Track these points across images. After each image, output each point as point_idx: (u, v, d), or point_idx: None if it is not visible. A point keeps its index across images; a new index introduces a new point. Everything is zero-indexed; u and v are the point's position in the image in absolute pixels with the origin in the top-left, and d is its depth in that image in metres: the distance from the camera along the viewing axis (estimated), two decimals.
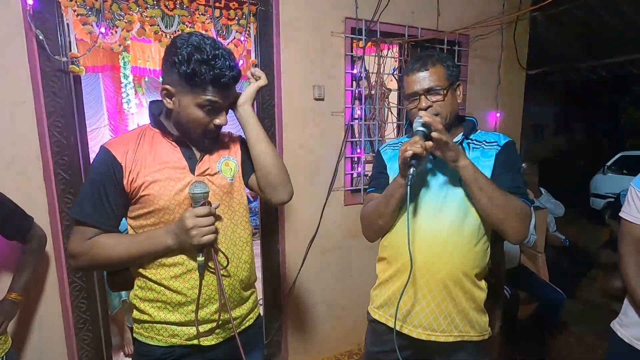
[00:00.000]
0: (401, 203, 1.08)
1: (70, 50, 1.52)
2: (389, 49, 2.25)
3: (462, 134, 1.15)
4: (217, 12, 1.73)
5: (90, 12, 1.51)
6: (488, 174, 1.07)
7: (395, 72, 2.29)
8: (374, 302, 1.23)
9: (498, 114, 2.62)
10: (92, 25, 1.52)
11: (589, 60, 4.41)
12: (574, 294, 3.05)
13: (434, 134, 0.97)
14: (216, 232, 0.95)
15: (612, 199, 5.44)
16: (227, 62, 0.93)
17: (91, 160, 1.55)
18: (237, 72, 0.97)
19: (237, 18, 1.78)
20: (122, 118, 5.21)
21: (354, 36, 2.07)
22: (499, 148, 1.11)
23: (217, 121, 0.98)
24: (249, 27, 1.82)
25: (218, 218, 1.00)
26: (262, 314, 1.24)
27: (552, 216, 3.00)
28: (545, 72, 3.47)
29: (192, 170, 1.00)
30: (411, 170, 0.97)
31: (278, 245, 2.06)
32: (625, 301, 1.25)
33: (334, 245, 2.20)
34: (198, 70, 0.90)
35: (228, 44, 1.80)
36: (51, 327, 1.61)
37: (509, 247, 2.35)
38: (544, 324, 2.30)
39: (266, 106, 1.92)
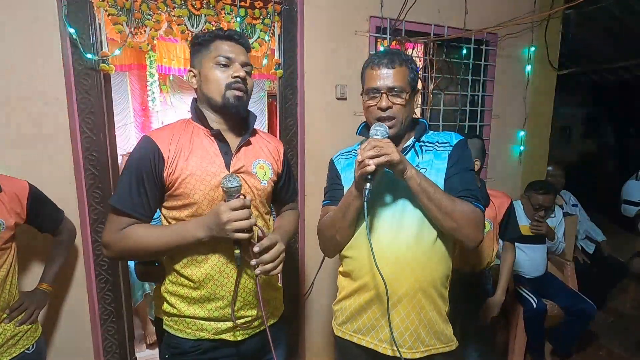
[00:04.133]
0: (357, 216, 1.03)
1: (102, 49, 1.56)
2: (414, 48, 2.20)
3: (413, 137, 1.10)
4: (242, 11, 1.74)
5: (120, 12, 1.55)
6: (442, 176, 1.03)
7: (419, 72, 2.24)
8: (337, 318, 1.18)
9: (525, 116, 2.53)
10: (122, 25, 1.56)
11: (624, 59, 4.19)
12: (604, 305, 2.91)
13: (383, 161, 0.91)
14: (254, 222, 0.93)
15: None
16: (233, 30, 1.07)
17: (118, 157, 1.60)
18: (245, 36, 1.08)
19: (261, 17, 1.79)
20: (146, 116, 5.35)
21: (379, 35, 2.04)
22: (451, 148, 1.06)
23: (234, 73, 1.01)
24: (274, 26, 1.83)
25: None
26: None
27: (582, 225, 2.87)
28: (574, 72, 3.32)
29: (227, 166, 1.01)
30: (368, 185, 0.93)
31: (297, 245, 2.06)
32: None
33: None
34: (207, 34, 1.04)
35: (252, 43, 1.81)
36: (78, 317, 1.66)
37: (536, 254, 2.27)
38: (572, 336, 2.20)
39: (289, 105, 1.92)
